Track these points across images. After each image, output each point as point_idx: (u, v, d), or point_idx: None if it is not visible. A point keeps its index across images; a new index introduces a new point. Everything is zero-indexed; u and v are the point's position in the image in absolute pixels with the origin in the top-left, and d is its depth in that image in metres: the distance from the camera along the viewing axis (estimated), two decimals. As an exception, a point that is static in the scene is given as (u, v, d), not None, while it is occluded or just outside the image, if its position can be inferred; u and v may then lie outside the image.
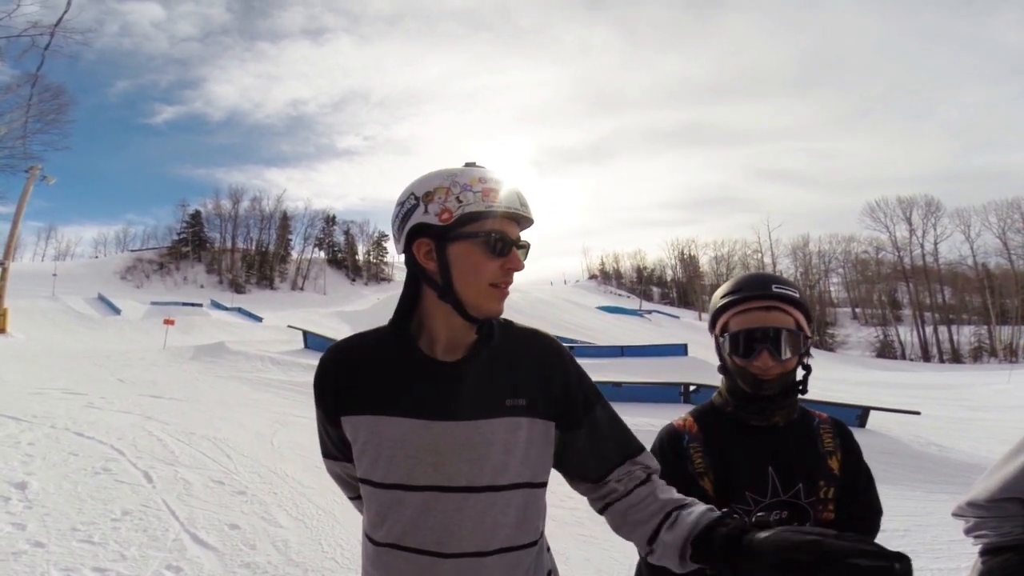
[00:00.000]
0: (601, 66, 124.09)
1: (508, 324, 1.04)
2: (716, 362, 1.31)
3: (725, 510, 0.93)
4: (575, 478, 1.05)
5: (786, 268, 57.53)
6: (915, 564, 1.66)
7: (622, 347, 15.90)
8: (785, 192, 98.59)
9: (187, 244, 60.89)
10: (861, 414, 7.36)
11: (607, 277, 77.28)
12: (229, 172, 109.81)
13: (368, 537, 1.01)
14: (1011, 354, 43.85)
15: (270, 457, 5.29)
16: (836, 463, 1.23)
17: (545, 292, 51.31)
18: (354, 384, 0.99)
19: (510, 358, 0.99)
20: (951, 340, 47.31)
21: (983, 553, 1.39)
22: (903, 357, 46.49)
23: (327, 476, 1.19)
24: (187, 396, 8.45)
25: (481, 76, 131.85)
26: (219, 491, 4.27)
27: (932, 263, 51.02)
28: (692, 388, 8.68)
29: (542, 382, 0.98)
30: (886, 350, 47.69)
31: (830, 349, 47.39)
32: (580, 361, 1.08)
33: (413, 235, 0.93)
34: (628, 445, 1.03)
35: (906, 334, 49.02)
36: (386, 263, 66.23)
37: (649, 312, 44.47)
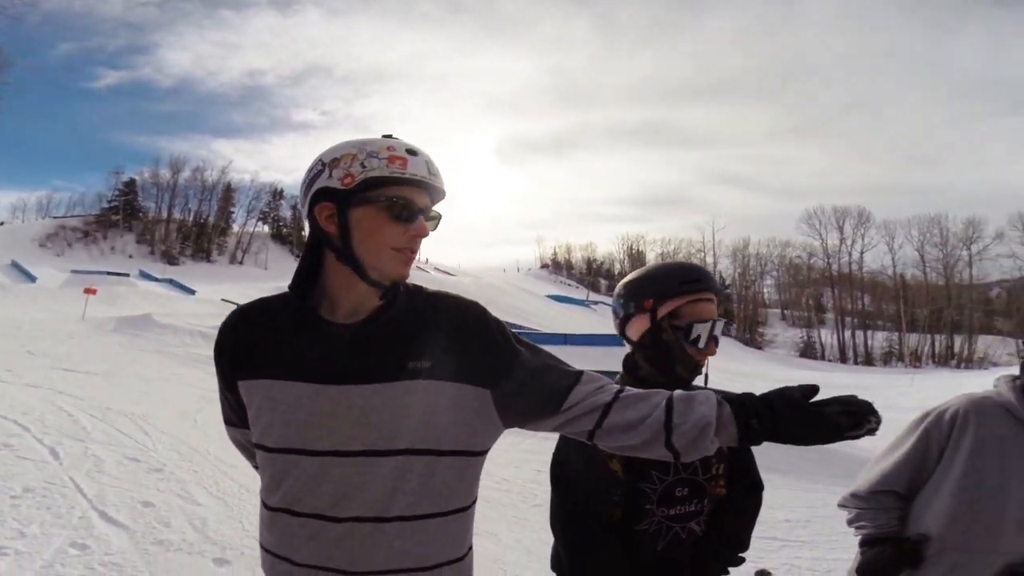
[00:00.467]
0: (576, 60, 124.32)
1: (418, 289, 1.04)
2: None
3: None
4: (532, 419, 0.99)
5: (726, 268, 60.28)
6: (812, 554, 1.82)
7: (565, 335, 16.21)
8: (733, 196, 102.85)
9: (117, 212, 56.86)
10: (777, 408, 7.84)
11: (558, 267, 78.27)
12: (172, 141, 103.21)
13: (263, 503, 1.01)
14: (916, 360, 48.02)
15: (192, 434, 5.12)
16: None
17: (497, 279, 51.51)
18: (251, 348, 0.99)
19: (416, 321, 0.97)
20: (865, 344, 51.12)
21: (862, 544, 1.51)
22: (823, 358, 49.87)
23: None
24: (105, 370, 7.99)
25: (454, 60, 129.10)
26: (133, 468, 4.10)
27: (856, 271, 54.82)
28: (627, 379, 9.00)
29: (453, 343, 0.96)
30: (808, 350, 50.99)
31: (759, 347, 50.28)
32: (576, 349, 1.07)
33: (316, 199, 0.93)
34: (571, 372, 1.00)
35: (827, 336, 52.59)
36: (334, 240, 64.48)
37: (596, 303, 45.71)
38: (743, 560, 1.34)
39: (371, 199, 0.91)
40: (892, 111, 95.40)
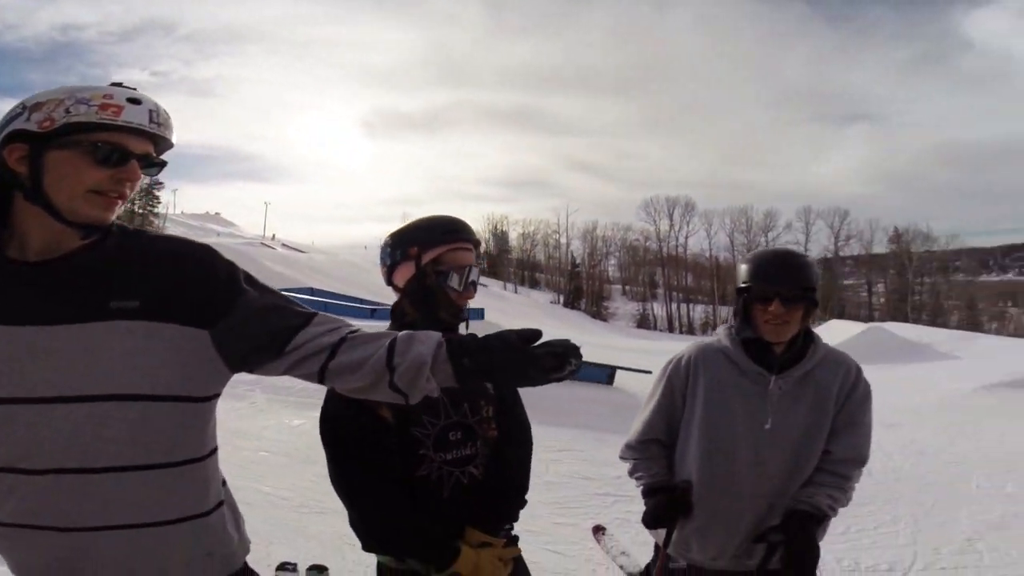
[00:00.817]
0: (461, 39, 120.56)
1: (138, 232, 0.99)
2: (510, 325, 1.38)
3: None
4: (257, 361, 0.94)
5: (576, 249, 64.59)
6: (633, 508, 1.92)
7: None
8: (586, 182, 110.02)
9: None
10: (609, 373, 8.65)
11: (422, 245, 77.52)
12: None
13: None
14: (726, 327, 56.91)
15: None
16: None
17: (357, 255, 49.02)
18: None
19: (126, 260, 0.92)
20: (688, 315, 59.22)
21: (643, 496, 1.64)
22: (655, 328, 56.59)
23: None
24: None
25: (327, 26, 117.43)
26: None
27: (682, 253, 62.75)
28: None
29: (168, 282, 0.92)
30: (644, 322, 57.55)
31: (603, 319, 55.35)
32: (383, 324, 0.97)
33: (7, 141, 0.88)
34: (302, 314, 0.95)
35: (659, 309, 59.83)
36: (157, 214, 55.60)
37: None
38: (525, 501, 1.41)
39: (72, 143, 0.87)
40: (723, 113, 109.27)
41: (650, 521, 1.59)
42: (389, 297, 1.51)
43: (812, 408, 1.49)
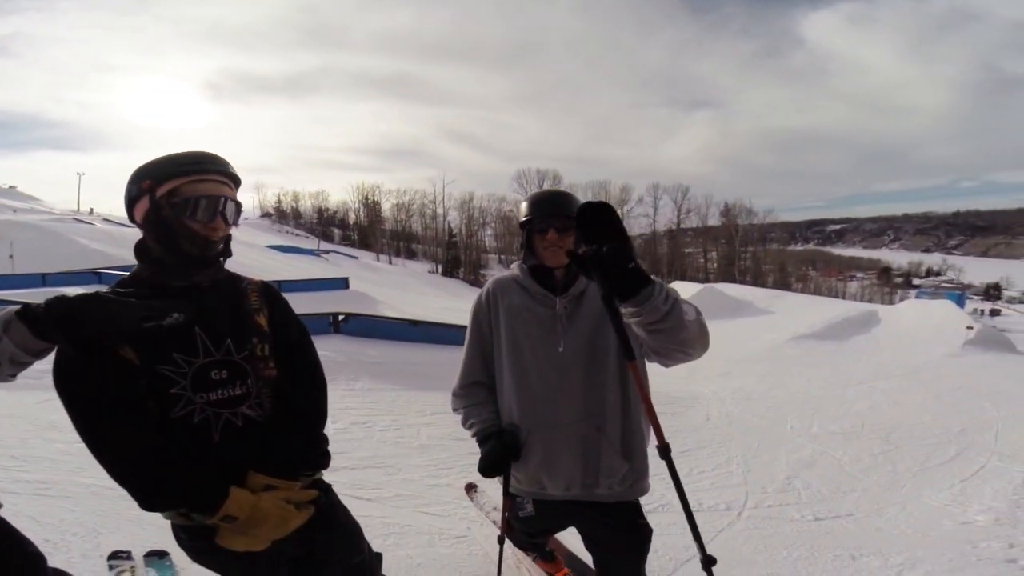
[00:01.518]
0: (335, 0, 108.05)
1: None
2: (381, 296, 1.23)
3: None
4: None
5: (454, 219, 64.46)
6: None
7: (280, 282, 14.89)
8: (464, 153, 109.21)
9: None
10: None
11: (284, 216, 72.06)
12: None
13: None
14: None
15: None
16: (264, 319, 1.32)
17: (200, 227, 43.34)
18: None
19: None
20: (558, 283, 62.76)
21: (479, 443, 1.63)
22: (528, 294, 59.10)
23: None
24: None
25: None
26: None
27: (551, 223, 65.89)
28: (341, 317, 8.73)
29: None
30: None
31: (481, 286, 56.31)
32: None
33: None
34: None
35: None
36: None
37: (328, 252, 43.26)
38: (322, 441, 1.35)
39: None
40: (591, 92, 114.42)
41: (485, 469, 1.60)
42: (252, 273, 1.35)
43: (595, 320, 1.58)
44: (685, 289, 19.53)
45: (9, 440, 3.58)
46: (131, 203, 1.26)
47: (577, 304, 1.59)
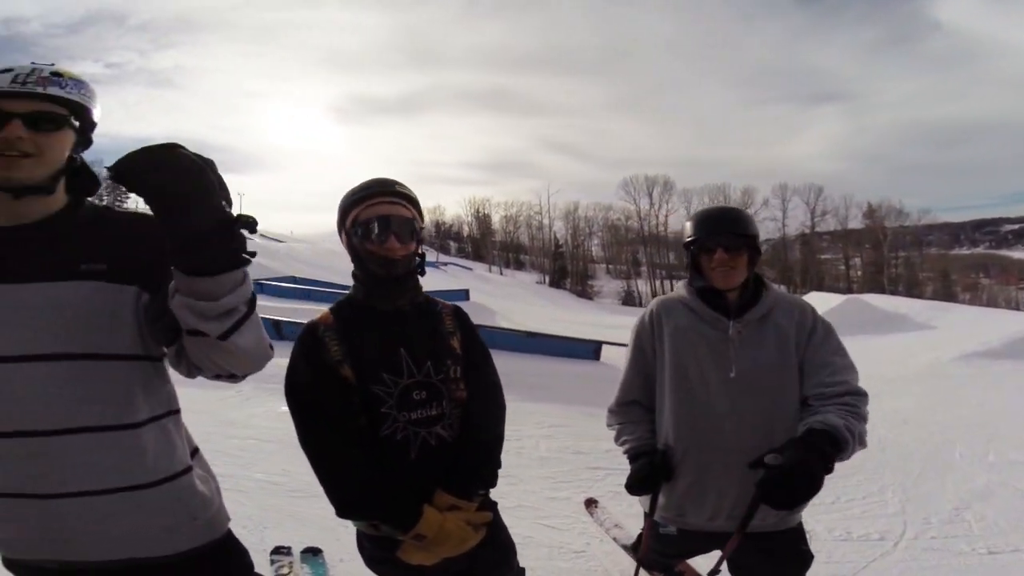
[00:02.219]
0: (433, 19, 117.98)
1: (108, 208, 1.05)
2: (496, 307, 1.35)
3: None
4: (162, 336, 0.99)
5: (559, 229, 64.68)
6: (620, 481, 1.90)
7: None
8: (565, 163, 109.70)
9: None
10: (595, 348, 8.62)
11: (405, 230, 76.63)
12: None
13: None
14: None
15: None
16: (457, 343, 1.37)
17: (334, 243, 48.06)
18: None
19: (95, 227, 1.00)
20: (672, 291, 59.93)
21: (630, 461, 1.61)
22: (640, 304, 57.03)
23: None
24: None
25: (288, 10, 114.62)
26: None
27: (663, 231, 62.95)
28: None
29: (129, 248, 0.98)
30: (628, 299, 57.98)
31: (589, 298, 55.65)
32: None
33: None
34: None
35: (643, 286, 60.23)
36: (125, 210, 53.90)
37: (445, 264, 46.07)
38: (499, 463, 1.38)
39: None
40: (697, 92, 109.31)
41: (632, 487, 1.58)
42: None
43: (775, 350, 1.49)
44: (824, 301, 17.48)
45: (196, 434, 4.22)
46: (340, 235, 1.38)
47: (755, 329, 1.52)
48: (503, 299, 26.04)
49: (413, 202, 1.35)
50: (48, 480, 0.90)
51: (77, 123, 1.00)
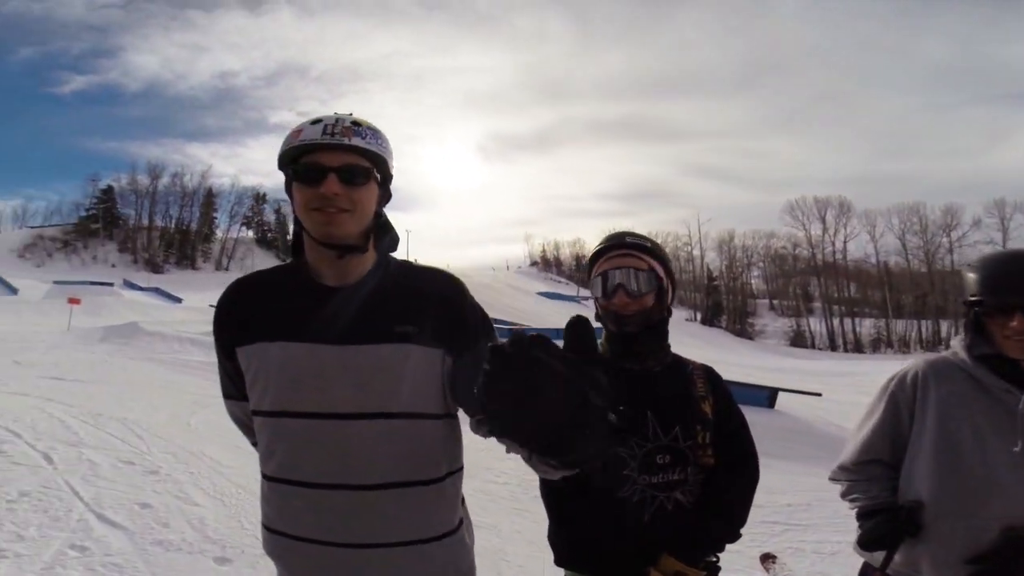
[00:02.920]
0: (552, 55, 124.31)
1: (407, 263, 1.09)
2: None
3: None
4: (464, 407, 1.01)
5: (712, 260, 60.63)
6: (816, 536, 1.83)
7: (558, 329, 16.29)
8: (715, 188, 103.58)
9: (97, 221, 55.77)
10: (770, 395, 7.95)
11: (548, 264, 78.34)
12: (144, 146, 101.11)
13: (262, 474, 1.02)
14: (904, 345, 48.77)
15: (186, 437, 5.05)
16: (709, 407, 1.30)
17: (487, 277, 51.41)
18: (247, 315, 1.02)
19: (404, 287, 1.02)
20: (854, 331, 51.90)
21: (859, 517, 1.52)
22: (813, 346, 50.46)
23: (247, 454, 1.14)
24: (93, 378, 7.86)
25: (429, 57, 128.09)
26: (129, 471, 4.05)
27: (841, 259, 55.55)
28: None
29: (436, 310, 1.00)
30: (798, 339, 51.54)
31: (749, 337, 50.71)
32: None
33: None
34: None
35: (816, 325, 53.16)
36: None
37: (586, 299, 45.70)
38: (739, 535, 1.31)
39: (293, 172, 0.98)
40: (864, 101, 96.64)
41: (869, 543, 1.45)
42: (527, 318, 1.53)
43: None
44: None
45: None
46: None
47: None
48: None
49: (651, 252, 1.29)
50: (356, 531, 0.93)
51: (379, 175, 1.00)
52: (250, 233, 63.93)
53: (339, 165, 0.95)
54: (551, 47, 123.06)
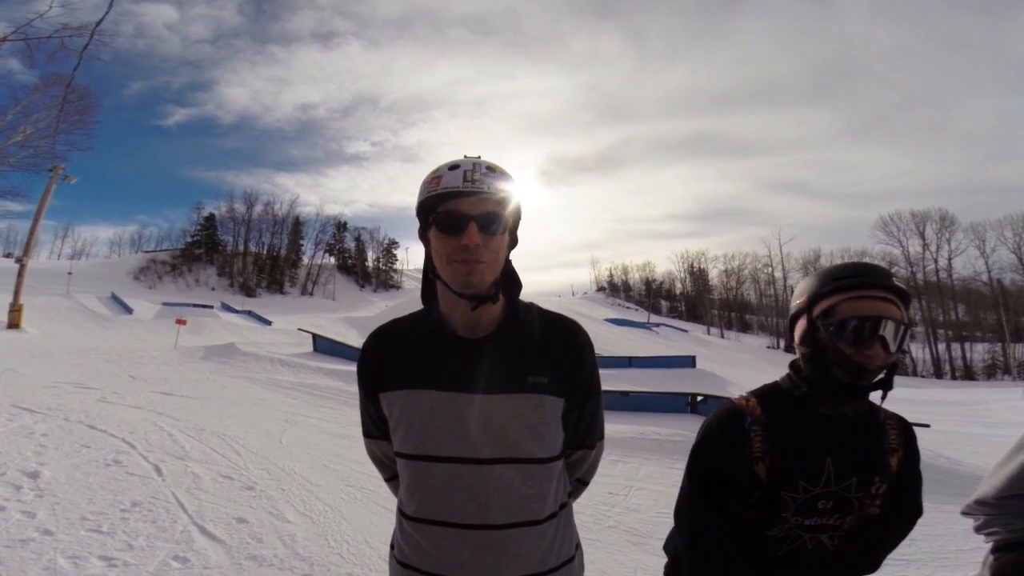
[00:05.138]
0: (610, 74, 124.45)
1: (531, 306, 1.10)
2: (724, 375, 1.33)
3: None
4: (570, 445, 1.16)
5: (796, 282, 56.88)
6: (922, 572, 1.64)
7: (630, 358, 15.80)
8: (796, 204, 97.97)
9: (200, 246, 61.36)
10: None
11: (615, 289, 76.81)
12: (239, 176, 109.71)
13: (401, 512, 1.08)
14: (1025, 372, 43.14)
15: (279, 455, 5.32)
16: (896, 461, 1.21)
17: (553, 304, 51.18)
18: (390, 362, 1.07)
19: (534, 337, 1.05)
20: (964, 357, 46.54)
21: (995, 550, 1.40)
22: (915, 374, 45.77)
23: (334, 474, 1.28)
24: (197, 394, 8.52)
25: (489, 83, 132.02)
26: (228, 486, 4.30)
27: (946, 279, 50.28)
28: (700, 399, 8.62)
29: (563, 362, 1.05)
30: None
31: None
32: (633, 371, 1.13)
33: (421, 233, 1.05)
34: (592, 434, 1.17)
35: (918, 351, 48.22)
36: (395, 270, 66.36)
37: (657, 325, 44.08)
38: None
39: (430, 221, 0.99)
40: (956, 105, 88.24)
41: (1010, 575, 1.31)
42: (597, 346, 1.45)
43: None
44: None
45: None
46: (792, 320, 1.25)
47: None
48: (728, 366, 23.75)
49: (905, 298, 1.16)
50: (490, 568, 0.98)
51: (510, 221, 1.00)
52: (332, 259, 67.80)
53: (478, 213, 0.95)
54: (608, 67, 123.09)
